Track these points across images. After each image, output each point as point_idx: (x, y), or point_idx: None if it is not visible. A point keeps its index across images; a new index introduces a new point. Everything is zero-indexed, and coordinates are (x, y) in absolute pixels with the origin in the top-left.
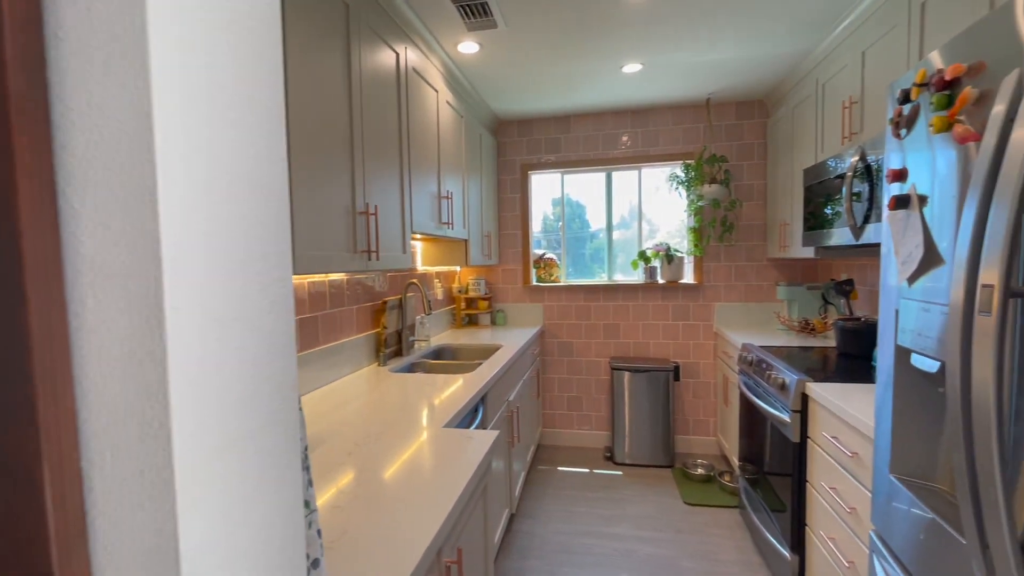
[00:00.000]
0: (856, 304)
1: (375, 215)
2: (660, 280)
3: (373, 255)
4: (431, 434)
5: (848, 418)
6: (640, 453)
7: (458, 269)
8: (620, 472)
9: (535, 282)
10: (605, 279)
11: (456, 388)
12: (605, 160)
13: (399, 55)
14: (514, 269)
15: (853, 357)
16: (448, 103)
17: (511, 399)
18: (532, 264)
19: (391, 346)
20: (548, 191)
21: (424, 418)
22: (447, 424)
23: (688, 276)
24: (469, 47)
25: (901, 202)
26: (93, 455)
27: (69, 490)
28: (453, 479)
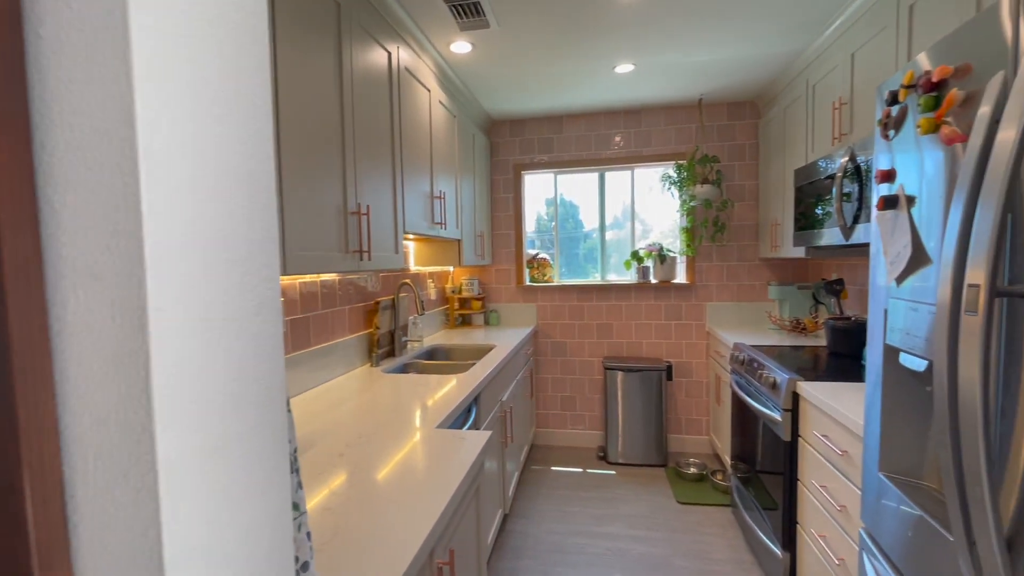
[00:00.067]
0: (846, 304)
1: (367, 215)
2: (653, 280)
3: (365, 255)
4: (424, 435)
5: (838, 417)
6: (633, 452)
7: (451, 269)
8: (613, 472)
9: (528, 282)
10: (598, 279)
11: (449, 388)
12: (598, 160)
13: (391, 54)
14: (507, 269)
15: (843, 356)
16: (441, 103)
17: (504, 399)
18: (525, 264)
19: (384, 347)
20: (542, 191)
21: (417, 419)
22: (440, 425)
23: (681, 276)
24: (462, 47)
25: (889, 202)
26: (75, 460)
27: (50, 496)
28: (445, 480)
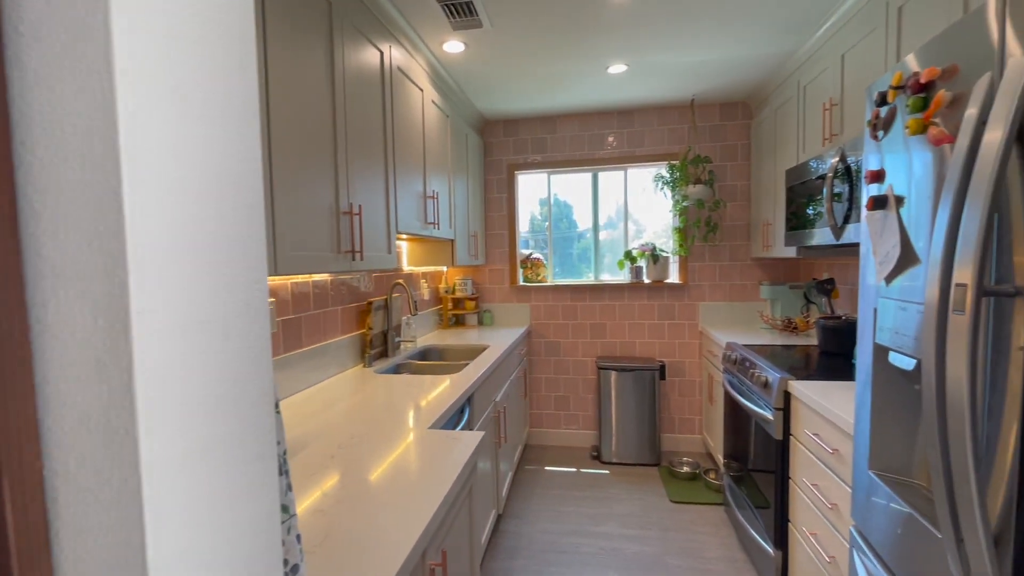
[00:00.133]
0: (837, 303)
1: (359, 215)
2: (646, 280)
3: (357, 255)
4: (416, 436)
5: (829, 415)
6: (627, 452)
7: (445, 269)
8: (607, 471)
9: (522, 282)
10: (592, 279)
11: (442, 389)
12: (591, 160)
13: (383, 54)
14: (501, 269)
15: (834, 355)
16: (434, 102)
17: (498, 399)
18: (519, 264)
19: (377, 347)
20: (535, 191)
21: (409, 420)
22: (433, 425)
23: (673, 276)
24: (454, 46)
25: (879, 203)
26: (56, 464)
27: (31, 501)
28: (438, 481)
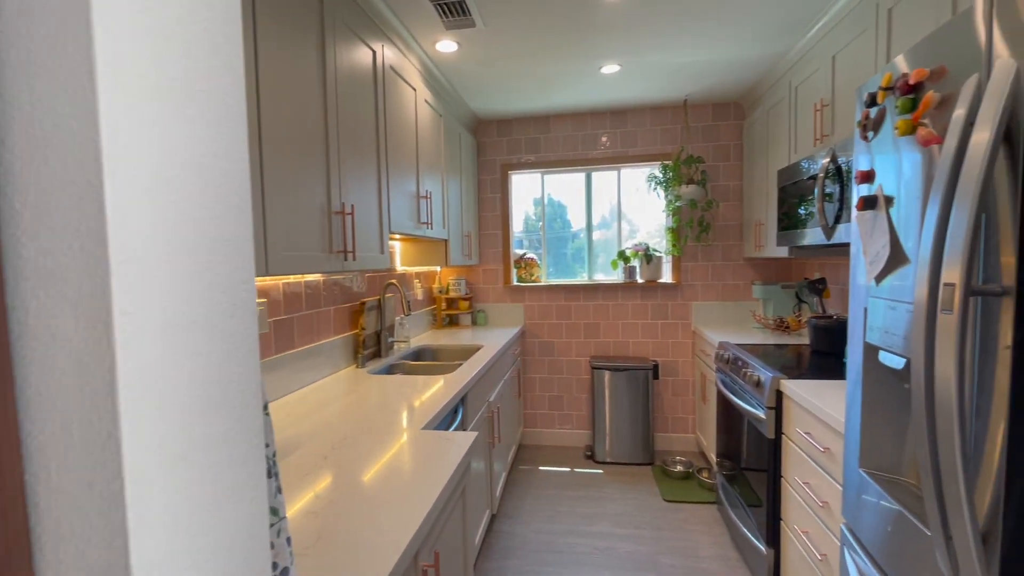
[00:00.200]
0: (829, 302)
1: (351, 215)
2: (639, 280)
3: (350, 255)
4: (409, 436)
5: (820, 414)
6: (620, 451)
7: (438, 269)
8: (601, 471)
9: (516, 282)
10: (586, 279)
11: (436, 389)
12: (585, 160)
13: (376, 53)
14: (495, 269)
15: (826, 354)
16: (427, 102)
17: (492, 399)
18: (513, 264)
19: (370, 347)
20: (529, 191)
21: (403, 420)
22: (426, 426)
23: (667, 275)
24: (447, 46)
25: (869, 203)
26: (37, 468)
27: (11, 506)
28: (431, 482)
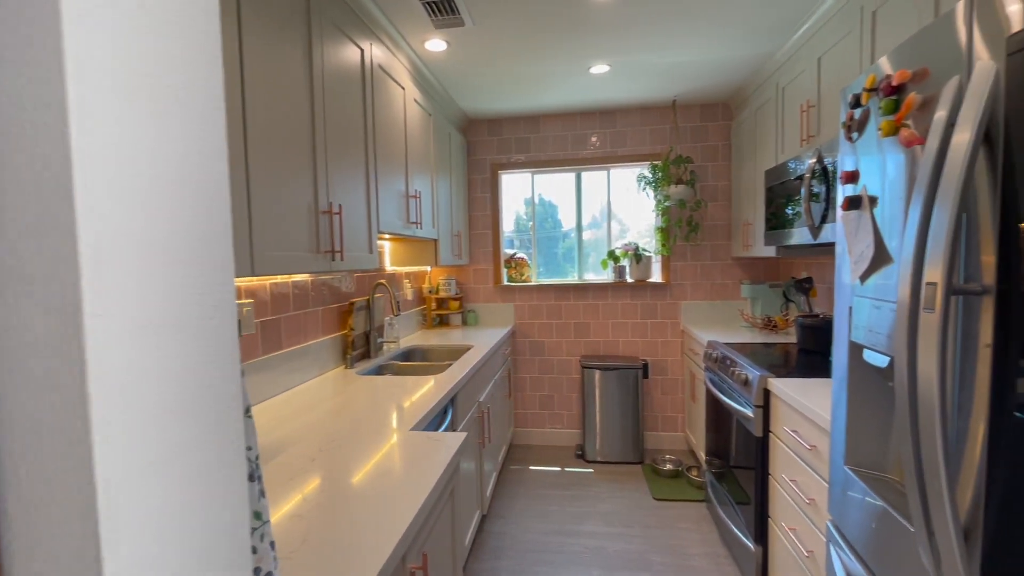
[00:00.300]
0: (816, 301)
1: (339, 214)
2: (629, 279)
3: (338, 255)
4: (398, 437)
5: (807, 412)
6: (611, 450)
7: (428, 269)
8: (591, 470)
9: (506, 282)
10: (576, 278)
11: (425, 390)
12: (575, 160)
13: (364, 51)
14: (485, 269)
15: (812, 353)
16: (416, 101)
17: (482, 400)
18: (503, 264)
19: (359, 348)
20: (520, 191)
21: (391, 421)
22: (415, 427)
23: (656, 275)
24: (437, 45)
25: (853, 203)
26: (6, 474)
27: None
28: (419, 483)
